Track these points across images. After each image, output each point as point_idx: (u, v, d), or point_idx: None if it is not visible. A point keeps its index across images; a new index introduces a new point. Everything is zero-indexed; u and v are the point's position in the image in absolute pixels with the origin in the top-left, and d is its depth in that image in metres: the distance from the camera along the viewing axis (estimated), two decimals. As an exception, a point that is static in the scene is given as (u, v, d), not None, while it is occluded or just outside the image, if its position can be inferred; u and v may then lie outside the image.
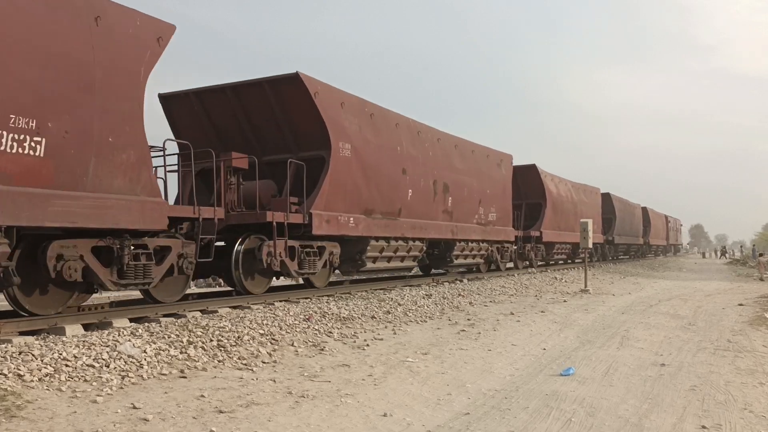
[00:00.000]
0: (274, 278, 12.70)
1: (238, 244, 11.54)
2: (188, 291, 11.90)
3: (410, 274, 18.51)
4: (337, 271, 14.85)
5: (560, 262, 31.45)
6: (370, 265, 14.39)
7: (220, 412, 5.38)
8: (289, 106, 12.52)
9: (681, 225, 78.96)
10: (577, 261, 32.87)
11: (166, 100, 13.36)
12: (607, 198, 37.84)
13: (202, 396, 5.80)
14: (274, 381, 6.53)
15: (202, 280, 22.80)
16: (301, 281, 13.99)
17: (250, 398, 5.84)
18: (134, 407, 5.34)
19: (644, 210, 51.06)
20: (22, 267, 7.75)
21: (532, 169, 26.00)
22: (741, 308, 14.66)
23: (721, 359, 8.50)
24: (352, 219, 13.16)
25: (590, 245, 20.50)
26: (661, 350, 9.15)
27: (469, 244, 19.36)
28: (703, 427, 5.52)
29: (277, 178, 12.84)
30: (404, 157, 15.41)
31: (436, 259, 18.96)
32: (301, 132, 12.72)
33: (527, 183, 26.04)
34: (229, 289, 12.99)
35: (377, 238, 14.28)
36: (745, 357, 8.68)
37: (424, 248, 16.66)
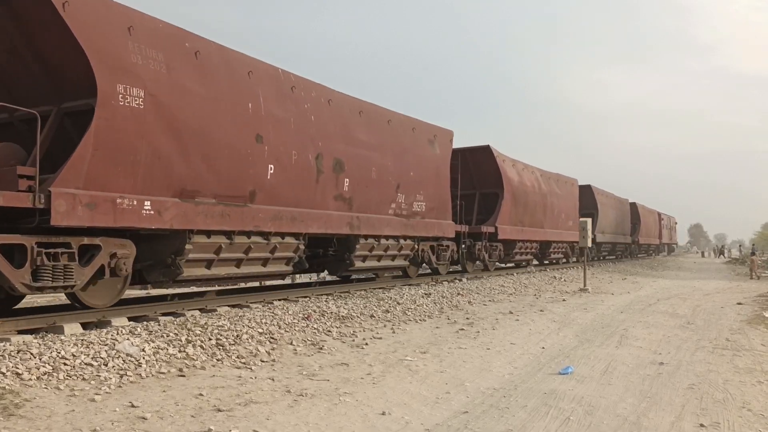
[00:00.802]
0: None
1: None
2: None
3: (282, 281, 14.55)
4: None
5: (523, 264, 25.84)
6: (194, 271, 9.99)
7: (219, 410, 5.38)
8: (30, 28, 8.39)
9: (676, 223, 74.85)
10: (545, 263, 28.60)
11: None
12: (587, 191, 34.06)
13: (201, 395, 5.80)
14: (273, 380, 6.53)
15: None
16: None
17: (249, 397, 5.84)
18: (132, 406, 5.34)
19: (633, 206, 46.58)
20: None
21: (485, 151, 20.75)
22: (740, 307, 14.68)
23: (719, 358, 8.51)
24: (148, 203, 8.83)
25: (589, 244, 20.31)
26: (659, 349, 9.15)
27: (382, 241, 14.76)
28: (702, 425, 5.52)
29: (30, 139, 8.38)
30: (261, 119, 10.87)
31: (333, 262, 14.29)
32: (52, 68, 8.58)
33: (481, 168, 21.12)
34: None
35: (208, 233, 9.98)
36: (743, 356, 8.68)
37: (301, 247, 12.07)
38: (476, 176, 21.43)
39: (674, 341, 9.84)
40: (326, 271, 15.13)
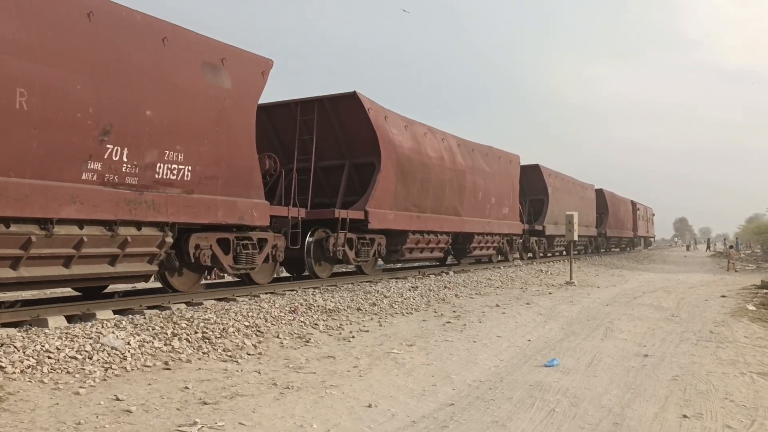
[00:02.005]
0: None
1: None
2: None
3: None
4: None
5: (428, 264, 21.26)
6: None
7: (204, 403, 5.37)
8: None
9: (653, 214, 66.95)
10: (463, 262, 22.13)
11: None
12: (533, 172, 28.23)
13: (186, 388, 5.78)
14: (259, 372, 6.52)
15: None
16: None
17: (235, 390, 5.83)
18: (117, 399, 5.31)
19: (600, 193, 40.47)
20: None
21: (351, 100, 14.32)
22: (723, 300, 14.83)
23: (703, 350, 8.60)
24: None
25: (575, 238, 20.37)
26: (644, 341, 9.23)
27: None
28: (685, 416, 5.58)
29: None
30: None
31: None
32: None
33: (348, 127, 14.72)
34: None
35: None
36: (726, 348, 8.78)
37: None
38: (344, 139, 14.65)
39: (659, 333, 9.93)
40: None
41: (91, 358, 6.31)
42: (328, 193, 15.07)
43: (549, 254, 31.09)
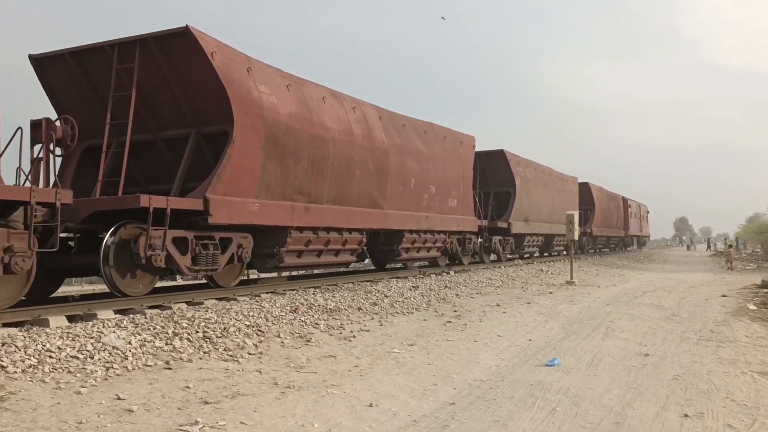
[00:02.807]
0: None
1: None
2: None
3: None
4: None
5: (310, 270, 18.42)
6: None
7: (206, 402, 5.37)
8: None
9: (648, 212, 61.61)
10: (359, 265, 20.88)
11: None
12: (498, 158, 24.02)
13: (188, 387, 5.78)
14: (260, 372, 6.53)
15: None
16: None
17: (236, 389, 5.83)
18: (119, 398, 5.31)
19: (585, 187, 35.48)
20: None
21: (184, 39, 10.27)
22: (724, 299, 14.82)
23: (704, 349, 8.60)
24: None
25: (576, 237, 20.35)
26: (645, 341, 9.23)
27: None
28: (686, 415, 5.58)
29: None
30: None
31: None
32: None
33: (188, 82, 10.69)
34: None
35: None
36: (727, 347, 8.78)
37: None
38: (185, 98, 10.81)
39: (659, 333, 9.93)
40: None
41: (92, 358, 6.31)
42: (175, 174, 10.70)
43: (517, 256, 26.00)
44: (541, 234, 27.78)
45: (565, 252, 31.06)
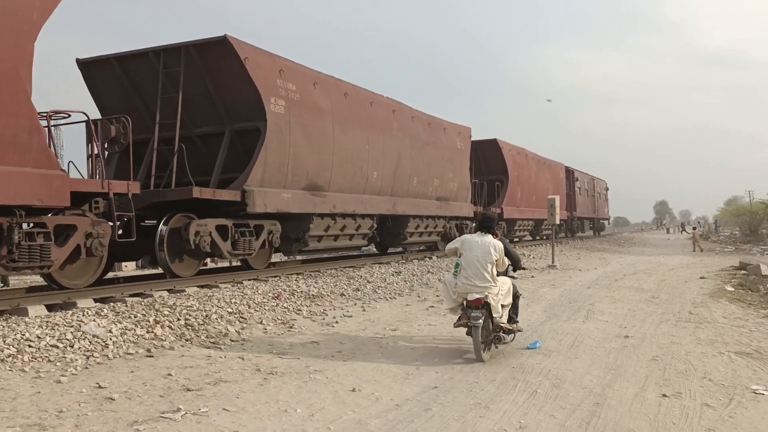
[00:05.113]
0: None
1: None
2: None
3: None
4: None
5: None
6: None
7: (188, 390, 5.35)
8: None
9: (607, 189, 50.74)
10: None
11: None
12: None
13: (170, 374, 5.76)
14: (243, 359, 6.51)
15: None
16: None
17: (218, 376, 5.82)
18: (100, 387, 5.28)
19: (494, 145, 25.21)
20: None
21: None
22: (702, 281, 15.03)
23: (682, 330, 8.72)
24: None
25: (557, 221, 20.49)
26: (625, 323, 9.34)
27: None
28: (664, 395, 5.66)
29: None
30: None
31: None
32: None
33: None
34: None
35: None
36: (705, 328, 8.91)
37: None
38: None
39: (639, 315, 10.05)
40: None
41: (72, 347, 6.26)
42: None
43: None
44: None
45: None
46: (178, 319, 7.66)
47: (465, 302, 6.79)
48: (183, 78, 11.32)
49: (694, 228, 38.44)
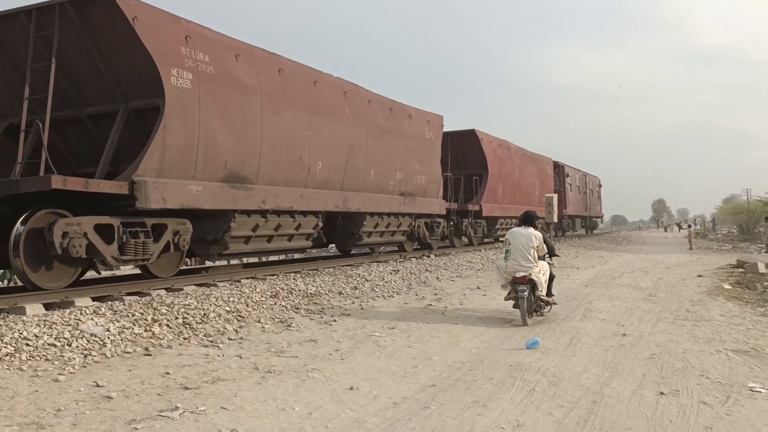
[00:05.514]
0: None
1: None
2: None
3: None
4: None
5: None
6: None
7: (186, 388, 5.35)
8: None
9: (600, 186, 48.77)
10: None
11: None
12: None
13: (167, 373, 5.76)
14: (241, 357, 6.52)
15: None
16: None
17: (216, 374, 5.82)
18: (97, 385, 5.28)
19: (473, 137, 22.91)
20: None
21: None
22: (700, 279, 15.05)
23: (680, 328, 8.73)
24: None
25: (555, 219, 20.46)
26: (622, 321, 9.35)
27: None
28: (662, 393, 5.67)
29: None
30: None
31: None
32: None
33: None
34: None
35: None
36: (702, 326, 8.92)
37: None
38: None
39: (637, 313, 10.06)
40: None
41: (70, 345, 6.26)
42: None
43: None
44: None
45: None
46: (176, 318, 7.66)
47: (513, 279, 8.83)
48: (58, 42, 9.07)
49: (690, 226, 38.59)
